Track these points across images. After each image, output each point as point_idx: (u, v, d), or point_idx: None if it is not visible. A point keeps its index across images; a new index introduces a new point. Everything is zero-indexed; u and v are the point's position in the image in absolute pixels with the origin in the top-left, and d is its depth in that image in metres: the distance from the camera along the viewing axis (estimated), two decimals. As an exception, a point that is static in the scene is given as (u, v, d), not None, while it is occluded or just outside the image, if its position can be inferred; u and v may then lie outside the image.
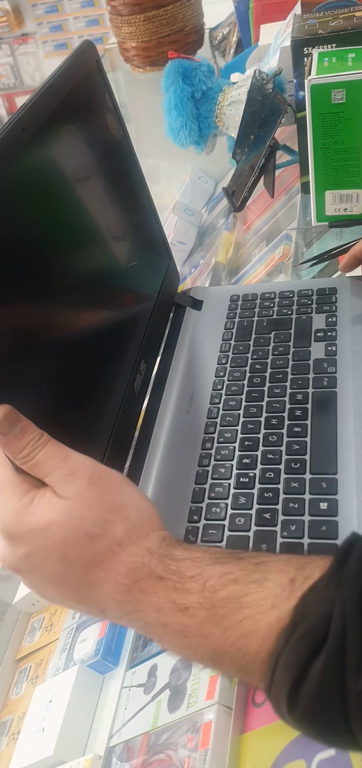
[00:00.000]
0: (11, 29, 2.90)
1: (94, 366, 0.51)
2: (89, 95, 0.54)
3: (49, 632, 0.71)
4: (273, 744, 0.43)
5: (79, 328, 0.50)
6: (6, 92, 3.11)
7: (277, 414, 0.55)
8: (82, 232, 0.52)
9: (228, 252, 0.93)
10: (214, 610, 0.33)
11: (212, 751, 0.45)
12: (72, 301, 0.49)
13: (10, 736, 0.65)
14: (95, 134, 0.55)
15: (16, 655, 0.73)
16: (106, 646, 0.59)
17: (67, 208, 0.50)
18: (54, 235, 0.47)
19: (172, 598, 0.34)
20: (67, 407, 0.47)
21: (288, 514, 0.47)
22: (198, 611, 0.33)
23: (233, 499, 0.50)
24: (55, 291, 0.47)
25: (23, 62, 3.02)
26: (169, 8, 1.27)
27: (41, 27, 2.89)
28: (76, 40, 2.86)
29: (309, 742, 0.41)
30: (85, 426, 0.48)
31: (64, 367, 0.47)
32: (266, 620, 0.31)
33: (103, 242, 0.56)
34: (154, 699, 0.53)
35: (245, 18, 1.14)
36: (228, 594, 0.33)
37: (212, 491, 0.51)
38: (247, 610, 0.32)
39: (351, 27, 0.75)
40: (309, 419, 0.53)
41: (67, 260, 0.49)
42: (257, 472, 0.51)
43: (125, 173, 0.61)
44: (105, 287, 0.56)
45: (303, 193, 0.86)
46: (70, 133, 0.50)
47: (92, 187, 0.55)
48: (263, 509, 0.48)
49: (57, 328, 0.47)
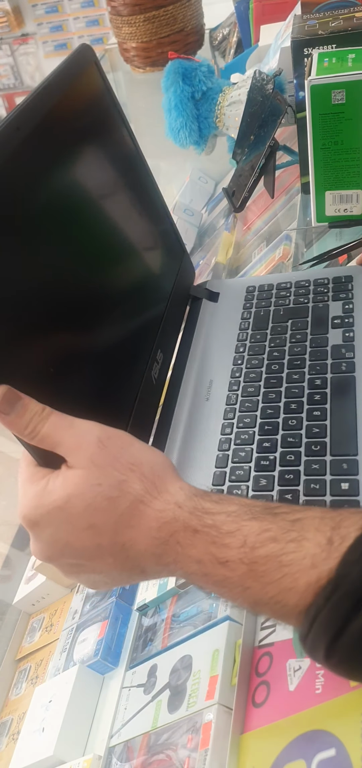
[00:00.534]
0: (11, 29, 2.90)
1: (110, 356, 0.52)
2: (88, 97, 0.54)
3: (49, 632, 0.71)
4: (273, 744, 0.43)
5: (95, 320, 0.51)
6: (6, 92, 3.12)
7: (296, 399, 0.55)
8: (88, 230, 0.52)
9: (228, 252, 0.93)
10: (254, 566, 0.34)
11: (212, 751, 0.45)
12: (85, 297, 0.50)
13: (10, 736, 0.65)
14: (97, 134, 0.55)
15: (16, 655, 0.73)
16: (105, 646, 0.59)
17: (75, 209, 0.50)
18: (59, 233, 0.47)
19: (210, 551, 0.35)
20: (85, 393, 0.47)
21: (309, 495, 0.47)
22: (238, 565, 0.34)
23: (254, 481, 0.50)
24: (65, 287, 0.47)
25: (23, 62, 3.02)
26: (169, 9, 1.27)
27: (41, 27, 2.89)
28: (76, 40, 2.86)
29: (310, 742, 0.41)
30: (104, 410, 0.49)
31: (79, 354, 0.48)
32: (305, 579, 0.32)
33: (110, 240, 0.56)
34: (153, 699, 0.53)
35: (245, 18, 1.14)
36: (267, 552, 0.34)
37: (233, 474, 0.51)
38: (286, 568, 0.33)
39: (351, 27, 0.75)
40: (329, 403, 0.53)
41: (73, 258, 0.49)
42: (277, 456, 0.51)
43: (132, 170, 0.61)
44: (117, 282, 0.56)
45: (303, 194, 0.86)
46: (70, 133, 0.50)
47: (99, 184, 0.55)
48: (284, 490, 0.48)
49: (73, 322, 0.47)
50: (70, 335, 0.47)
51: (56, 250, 0.47)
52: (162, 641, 0.57)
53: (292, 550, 0.33)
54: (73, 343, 0.47)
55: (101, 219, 0.54)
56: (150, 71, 1.35)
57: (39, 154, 0.45)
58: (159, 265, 0.65)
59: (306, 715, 0.43)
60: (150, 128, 1.17)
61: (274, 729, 0.44)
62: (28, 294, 0.42)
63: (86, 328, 0.49)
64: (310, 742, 0.41)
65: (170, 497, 0.38)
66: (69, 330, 0.47)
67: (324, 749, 0.41)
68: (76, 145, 0.51)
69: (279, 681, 0.46)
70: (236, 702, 0.47)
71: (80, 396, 0.46)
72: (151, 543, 0.37)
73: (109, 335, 0.52)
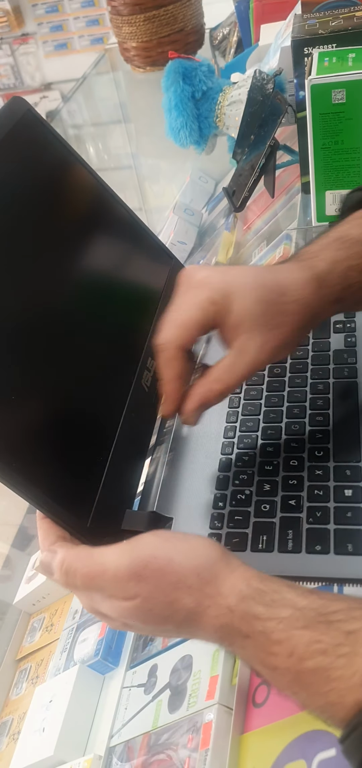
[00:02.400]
0: (11, 29, 2.89)
1: (100, 366, 0.51)
2: (29, 148, 0.51)
3: (49, 632, 0.71)
4: (274, 744, 0.43)
5: (83, 343, 0.50)
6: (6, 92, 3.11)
7: (299, 403, 0.55)
8: (60, 277, 0.51)
9: (228, 252, 0.93)
10: (301, 677, 0.34)
11: (212, 751, 0.45)
12: (70, 336, 0.49)
13: (11, 736, 0.65)
14: (51, 181, 0.53)
15: (17, 655, 0.73)
16: (106, 646, 0.59)
17: (42, 261, 0.49)
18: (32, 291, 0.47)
19: (260, 658, 0.35)
20: (74, 407, 0.47)
21: (313, 501, 0.47)
22: (286, 673, 0.34)
23: (257, 486, 0.50)
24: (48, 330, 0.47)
25: (23, 62, 3.01)
26: (170, 8, 1.27)
27: (41, 27, 2.88)
28: (76, 40, 2.86)
29: (310, 742, 0.41)
30: (94, 417, 0.49)
31: (69, 385, 0.47)
32: (353, 696, 0.32)
33: (85, 275, 0.54)
34: (154, 699, 0.53)
35: (245, 18, 1.14)
36: (315, 665, 0.33)
37: (236, 479, 0.51)
38: (334, 683, 0.32)
39: (351, 27, 0.75)
40: (331, 409, 0.53)
41: (47, 313, 0.48)
42: (280, 461, 0.51)
43: (93, 200, 0.58)
44: (100, 309, 0.54)
45: (303, 193, 0.85)
46: (23, 189, 0.49)
47: (60, 228, 0.52)
48: (288, 496, 0.48)
49: (61, 355, 0.47)
50: (61, 366, 0.47)
51: (33, 307, 0.46)
52: (162, 641, 0.57)
53: (342, 665, 0.32)
54: (63, 374, 0.47)
55: (70, 260, 0.52)
56: (150, 71, 1.35)
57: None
58: (143, 282, 0.63)
59: (307, 715, 0.43)
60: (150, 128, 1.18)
61: (275, 729, 0.44)
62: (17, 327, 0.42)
63: (75, 357, 0.48)
64: (311, 742, 0.41)
65: (223, 601, 0.37)
66: (59, 361, 0.47)
67: (324, 749, 0.41)
68: (31, 200, 0.49)
69: (279, 681, 0.46)
70: (236, 702, 0.47)
71: (71, 404, 0.46)
72: (208, 638, 0.38)
73: (98, 349, 0.51)
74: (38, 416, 0.44)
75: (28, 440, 0.42)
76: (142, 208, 1.41)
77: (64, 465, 0.44)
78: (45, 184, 0.52)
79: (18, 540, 0.82)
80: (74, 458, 0.45)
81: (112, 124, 1.70)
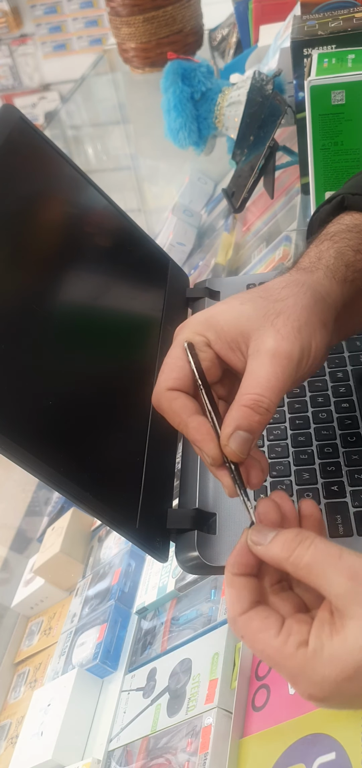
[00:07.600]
0: (10, 30, 2.89)
1: (111, 377, 0.51)
2: (24, 156, 0.51)
3: (47, 636, 0.70)
4: (273, 748, 0.43)
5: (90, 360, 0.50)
6: (5, 93, 3.11)
7: (321, 392, 0.55)
8: (55, 290, 0.50)
9: (227, 253, 0.93)
10: None
11: (211, 755, 0.45)
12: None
13: (9, 740, 0.65)
14: (46, 189, 0.53)
15: (15, 658, 0.73)
16: (104, 649, 0.59)
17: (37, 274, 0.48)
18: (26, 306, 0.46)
19: None
20: (109, 413, 0.48)
21: (355, 485, 0.47)
22: None
23: (296, 475, 0.50)
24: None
25: (22, 63, 3.01)
26: (168, 9, 1.27)
27: (40, 28, 2.88)
28: (74, 41, 2.86)
29: (309, 745, 0.41)
30: (127, 420, 0.49)
31: (83, 401, 0.47)
32: None
33: (82, 288, 0.54)
34: (153, 703, 0.53)
35: (244, 19, 1.14)
36: None
37: (273, 470, 0.51)
38: None
39: (350, 28, 0.74)
40: (354, 395, 0.54)
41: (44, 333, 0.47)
42: (314, 449, 0.51)
43: (88, 207, 0.58)
44: (105, 314, 0.55)
45: (303, 194, 0.85)
46: (18, 199, 0.48)
47: (56, 234, 0.52)
48: (329, 482, 0.48)
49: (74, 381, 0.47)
50: (95, 376, 0.48)
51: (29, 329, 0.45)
52: (161, 644, 0.57)
53: None
54: (98, 383, 0.48)
55: (65, 271, 0.52)
56: (149, 72, 1.35)
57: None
58: (141, 288, 0.63)
59: (307, 719, 0.42)
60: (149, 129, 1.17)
61: (274, 733, 0.44)
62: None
63: (85, 372, 0.48)
64: (310, 746, 0.41)
65: None
66: (95, 373, 0.48)
67: (324, 753, 0.40)
68: (27, 209, 0.49)
69: (279, 684, 0.46)
70: (236, 706, 0.47)
71: (109, 421, 0.47)
72: None
73: (106, 362, 0.51)
74: (85, 424, 0.44)
75: (76, 447, 0.42)
76: (140, 209, 1.41)
77: (110, 470, 0.45)
78: (40, 192, 0.52)
79: (16, 543, 0.82)
80: (118, 463, 0.46)
81: (110, 125, 1.70)
